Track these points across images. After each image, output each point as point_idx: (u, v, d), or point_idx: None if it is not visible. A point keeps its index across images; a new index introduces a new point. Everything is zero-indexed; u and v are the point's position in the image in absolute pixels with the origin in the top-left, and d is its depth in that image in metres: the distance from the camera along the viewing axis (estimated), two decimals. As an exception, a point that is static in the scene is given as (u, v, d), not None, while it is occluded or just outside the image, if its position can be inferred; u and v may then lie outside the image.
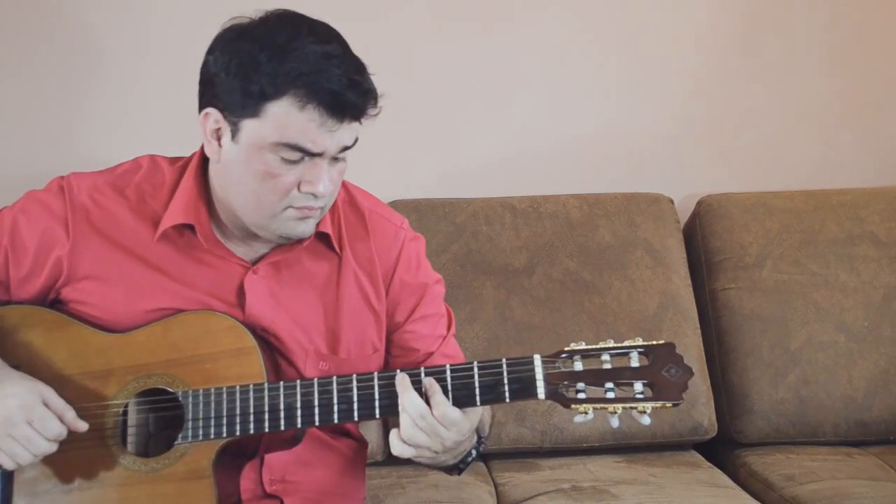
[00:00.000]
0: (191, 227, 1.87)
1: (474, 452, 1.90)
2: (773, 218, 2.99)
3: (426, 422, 1.74)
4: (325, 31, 1.78)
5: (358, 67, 1.77)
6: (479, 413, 1.83)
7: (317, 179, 1.76)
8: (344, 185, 2.01)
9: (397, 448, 1.76)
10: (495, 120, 3.15)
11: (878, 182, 3.19)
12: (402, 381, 1.76)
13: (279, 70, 1.71)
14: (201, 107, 1.81)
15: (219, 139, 1.80)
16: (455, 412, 1.74)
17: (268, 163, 1.75)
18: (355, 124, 1.77)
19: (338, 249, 1.94)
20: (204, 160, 1.90)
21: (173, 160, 1.96)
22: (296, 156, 1.74)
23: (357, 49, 1.81)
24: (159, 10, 2.97)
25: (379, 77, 1.82)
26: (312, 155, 1.75)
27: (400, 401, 1.75)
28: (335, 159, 1.79)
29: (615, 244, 2.92)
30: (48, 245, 1.88)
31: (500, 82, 3.13)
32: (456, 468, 1.92)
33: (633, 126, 3.19)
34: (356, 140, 1.80)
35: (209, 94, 1.79)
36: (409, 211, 2.87)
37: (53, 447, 1.77)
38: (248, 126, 1.75)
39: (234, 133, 1.77)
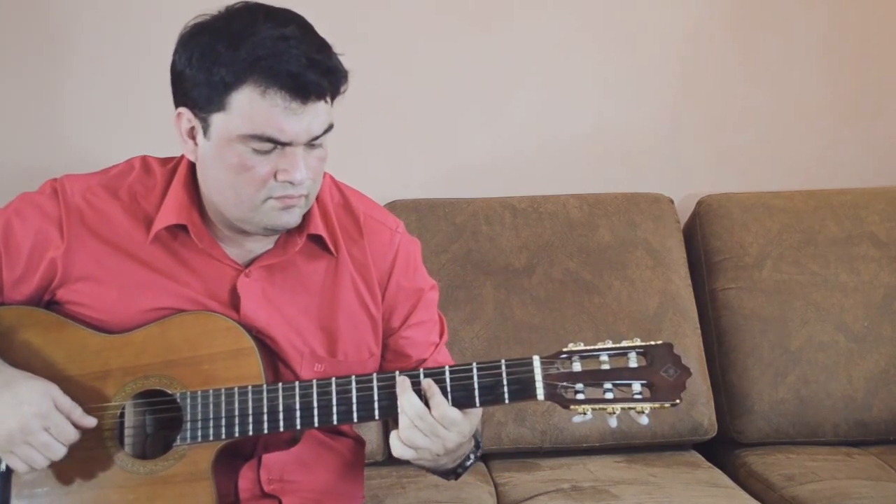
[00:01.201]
0: (184, 228, 1.87)
1: (472, 458, 1.89)
2: (773, 218, 2.99)
3: (425, 423, 1.74)
4: (284, 16, 1.76)
5: (319, 47, 1.74)
6: (479, 414, 1.82)
7: (292, 167, 1.74)
8: (338, 186, 2.01)
9: (398, 450, 1.76)
10: (495, 120, 3.15)
11: (878, 182, 3.19)
12: (402, 383, 1.76)
13: (237, 57, 1.70)
14: (175, 108, 1.81)
15: (193, 138, 1.80)
16: (454, 412, 1.74)
17: (240, 155, 1.74)
18: (322, 105, 1.74)
19: (333, 251, 1.93)
20: None
21: (164, 161, 1.95)
22: (266, 146, 1.73)
23: (357, 49, 1.81)
24: (159, 9, 2.97)
25: (380, 77, 1.81)
26: (283, 144, 1.73)
27: (399, 402, 1.75)
28: (312, 146, 1.77)
29: (615, 244, 2.92)
30: (42, 246, 1.87)
31: (500, 82, 3.14)
32: (454, 472, 1.92)
33: (632, 126, 3.19)
34: (331, 126, 1.77)
35: (179, 93, 1.79)
36: (409, 211, 2.87)
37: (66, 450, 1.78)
38: (217, 120, 1.74)
39: (206, 129, 1.76)
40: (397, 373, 1.78)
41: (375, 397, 1.77)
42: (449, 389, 1.75)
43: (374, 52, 2.99)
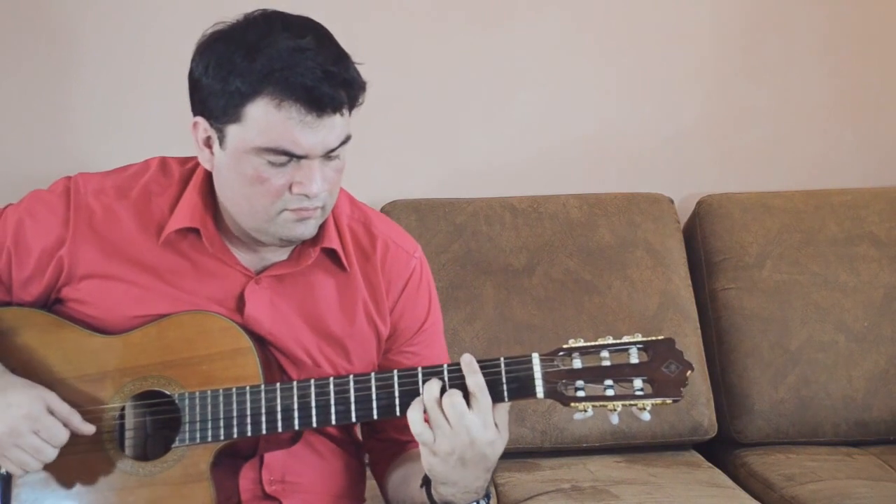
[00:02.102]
0: (196, 232, 1.86)
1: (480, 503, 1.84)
2: (773, 218, 2.99)
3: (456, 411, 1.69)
4: (301, 25, 1.74)
5: (336, 58, 1.72)
6: (505, 437, 1.76)
7: (308, 180, 1.73)
8: (359, 206, 1.99)
9: (417, 426, 1.70)
10: (495, 120, 3.15)
11: (878, 182, 3.19)
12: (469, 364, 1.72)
13: (252, 69, 1.68)
14: (193, 116, 1.79)
15: (210, 147, 1.79)
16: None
17: (255, 167, 1.72)
18: (338, 118, 1.72)
19: (346, 266, 1.91)
20: None
21: (184, 161, 1.94)
22: (282, 159, 1.71)
23: (356, 50, 1.80)
24: (158, 9, 2.97)
25: (379, 77, 1.80)
26: (298, 157, 1.72)
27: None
28: (329, 157, 1.75)
29: (615, 244, 2.92)
30: (52, 246, 1.86)
31: (500, 82, 3.14)
32: None
33: (633, 126, 3.19)
34: (348, 137, 1.76)
35: (196, 102, 1.78)
36: (409, 211, 2.88)
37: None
38: (232, 132, 1.73)
39: (221, 140, 1.75)
40: (420, 369, 1.76)
41: (373, 396, 1.75)
42: (447, 388, 1.73)
43: (374, 51, 2.96)
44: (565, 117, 3.16)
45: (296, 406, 1.77)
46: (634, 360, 1.72)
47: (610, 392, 1.71)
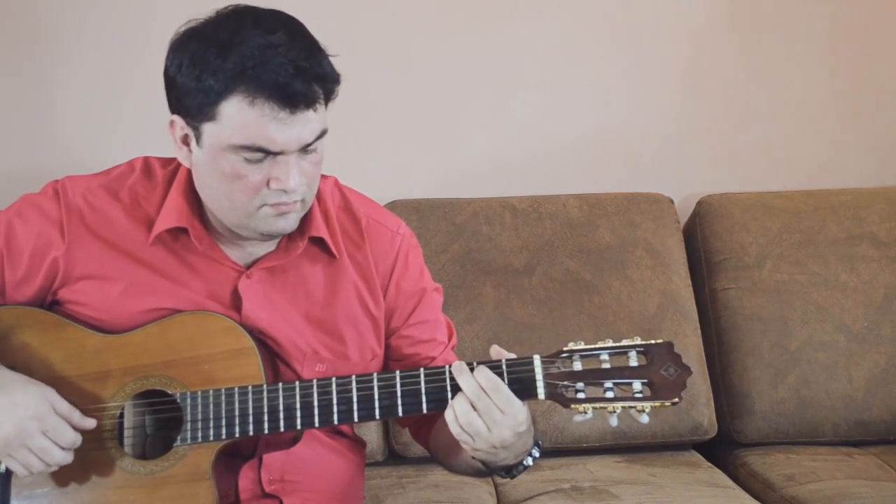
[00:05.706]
0: (184, 231, 1.87)
1: (530, 458, 1.86)
2: (773, 218, 2.99)
3: (482, 403, 1.72)
4: (271, 20, 1.74)
5: (308, 53, 1.72)
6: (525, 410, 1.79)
7: (284, 176, 1.74)
8: (340, 189, 2.00)
9: (455, 429, 1.74)
10: (495, 120, 3.15)
11: (878, 182, 3.19)
12: (459, 366, 1.75)
13: (224, 66, 1.69)
14: (170, 114, 1.80)
15: (188, 144, 1.80)
16: (509, 392, 1.73)
17: (232, 164, 1.74)
18: (312, 113, 1.73)
19: (335, 253, 1.93)
20: None
21: (166, 162, 1.95)
22: (258, 155, 1.72)
23: (357, 49, 1.80)
24: (154, 10, 2.96)
25: (380, 77, 1.81)
26: (274, 153, 1.73)
27: (459, 383, 1.74)
28: (305, 151, 1.76)
29: (615, 244, 2.92)
30: (44, 247, 1.87)
31: (500, 82, 3.14)
32: (510, 472, 1.89)
33: (633, 126, 3.19)
34: (324, 131, 1.76)
35: (172, 100, 1.79)
36: (410, 211, 2.87)
37: (69, 456, 1.78)
38: (208, 130, 1.74)
39: (198, 138, 1.76)
40: (422, 370, 1.78)
41: (376, 396, 1.77)
42: (449, 389, 1.75)
43: (374, 51, 2.99)
44: (565, 117, 3.16)
45: (298, 406, 1.78)
46: (634, 363, 1.75)
47: (609, 394, 1.74)
